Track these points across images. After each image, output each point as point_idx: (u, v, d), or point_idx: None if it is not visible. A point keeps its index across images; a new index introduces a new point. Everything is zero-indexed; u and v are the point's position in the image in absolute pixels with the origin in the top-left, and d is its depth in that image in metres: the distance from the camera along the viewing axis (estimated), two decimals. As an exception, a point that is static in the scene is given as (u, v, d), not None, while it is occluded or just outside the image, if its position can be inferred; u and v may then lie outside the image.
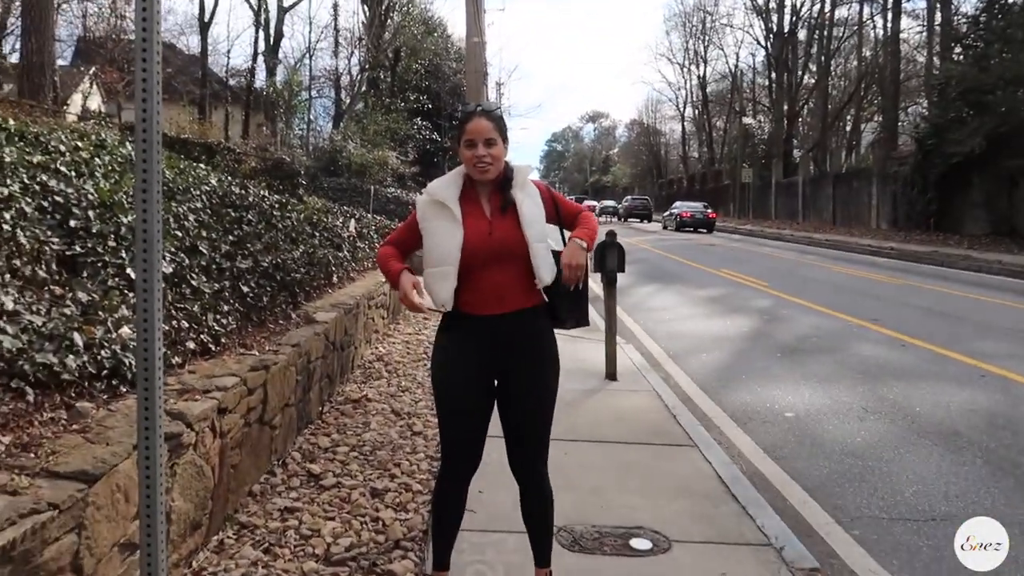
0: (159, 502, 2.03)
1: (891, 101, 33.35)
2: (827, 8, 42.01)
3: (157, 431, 2.01)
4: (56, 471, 2.22)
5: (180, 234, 4.52)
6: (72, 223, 3.70)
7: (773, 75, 47.56)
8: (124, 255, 3.76)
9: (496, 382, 2.66)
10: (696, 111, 65.39)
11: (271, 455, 4.06)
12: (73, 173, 4.38)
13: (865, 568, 3.44)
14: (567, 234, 2.73)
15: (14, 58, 19.53)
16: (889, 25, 35.26)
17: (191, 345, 3.67)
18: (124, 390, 2.96)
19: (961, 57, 25.73)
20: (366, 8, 31.62)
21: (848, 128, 46.23)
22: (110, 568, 2.34)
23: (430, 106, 32.60)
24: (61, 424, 2.56)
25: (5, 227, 3.20)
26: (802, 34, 45.63)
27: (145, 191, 1.98)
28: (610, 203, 54.20)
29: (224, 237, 5.04)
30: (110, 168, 5.04)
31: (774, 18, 46.71)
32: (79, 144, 5.32)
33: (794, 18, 45.38)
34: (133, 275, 3.52)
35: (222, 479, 3.30)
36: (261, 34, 33.01)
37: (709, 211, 35.91)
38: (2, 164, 3.79)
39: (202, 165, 8.70)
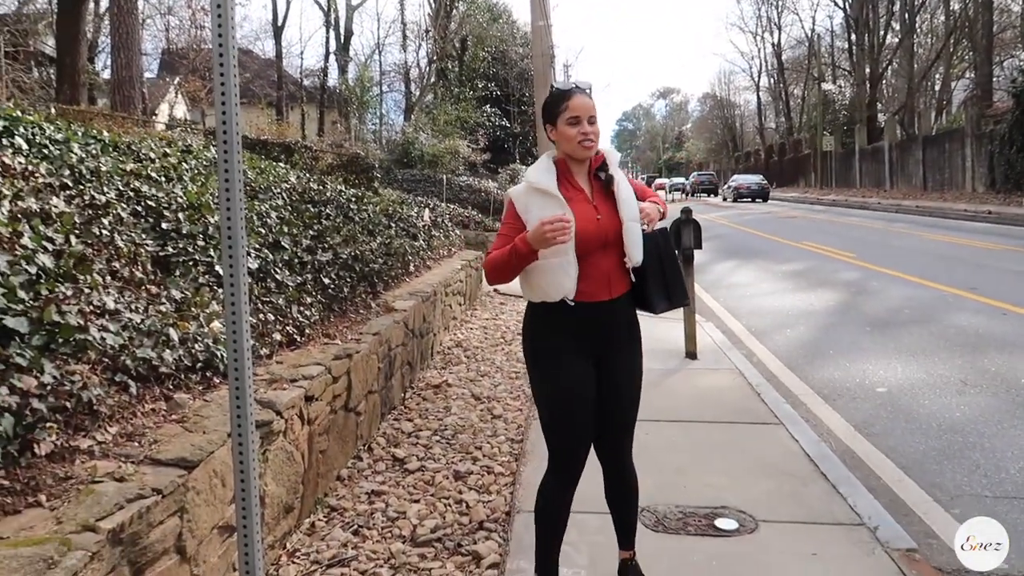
0: (253, 487, 2.13)
1: (984, 55, 31.29)
2: (910, -39, 39.74)
3: (249, 419, 2.10)
4: (158, 459, 2.36)
5: (263, 231, 4.69)
6: (164, 225, 3.90)
7: (853, 37, 45.36)
8: (213, 253, 3.93)
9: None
10: (772, 80, 63.11)
11: (357, 440, 4.19)
12: (163, 178, 4.61)
13: (967, 547, 3.28)
14: None
15: (106, 74, 20.63)
16: (980, -26, 33.04)
17: (278, 337, 3.82)
18: (217, 381, 3.11)
19: (1063, 2, 23.89)
20: (432, 0, 31.86)
21: (937, 87, 43.64)
22: (211, 549, 2.47)
23: (498, 93, 32.67)
24: (161, 414, 2.71)
25: (104, 232, 3.40)
26: (884, -9, 43.31)
27: (228, 191, 2.07)
28: (679, 180, 57.35)
29: (305, 232, 5.20)
30: (196, 172, 5.28)
31: (853, -24, 44.48)
32: (167, 151, 5.59)
33: (874, -25, 43.09)
34: (222, 272, 3.68)
35: (311, 464, 3.43)
36: (332, 34, 33.82)
37: (764, 183, 40.05)
38: (100, 173, 4.02)
39: (281, 164, 8.99)
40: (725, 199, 41.10)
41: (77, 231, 3.20)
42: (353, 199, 7.33)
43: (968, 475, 4.03)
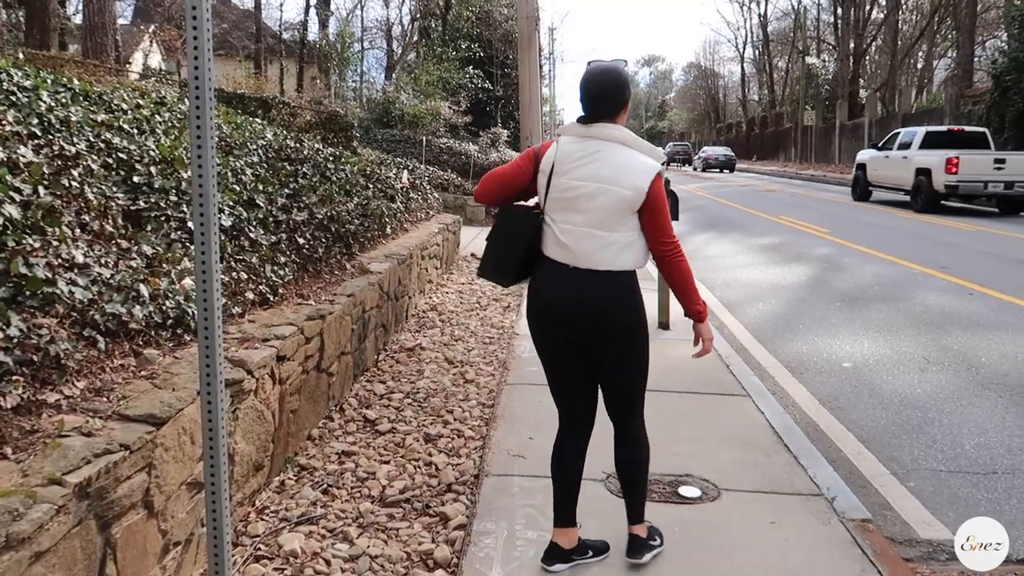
0: (222, 444, 2.14)
1: (967, 35, 31.36)
2: (900, -63, 39.51)
3: (218, 377, 2.10)
4: (127, 414, 2.35)
5: (238, 188, 4.63)
6: (136, 179, 3.82)
7: (839, 11, 45.23)
8: (186, 209, 3.88)
9: None
10: (756, 52, 62.96)
11: (329, 401, 4.21)
12: (135, 130, 4.51)
13: (919, 520, 3.40)
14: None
15: (77, 19, 20.00)
16: (967, -48, 32.95)
17: (250, 296, 3.80)
18: (188, 339, 3.10)
19: (1047, -15, 23.98)
20: (416, -45, 31.16)
21: (919, 65, 43.80)
22: (179, 505, 2.49)
23: (482, 54, 32.15)
24: (130, 370, 2.70)
25: (74, 184, 3.33)
26: (872, -35, 43.12)
27: (200, 146, 2.03)
28: (657, 151, 60.38)
29: (280, 190, 5.14)
30: (170, 125, 5.16)
31: (842, -51, 44.16)
32: (140, 102, 5.46)
33: (863, -51, 42.80)
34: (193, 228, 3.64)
35: (282, 423, 3.45)
36: (313, -15, 32.97)
37: (731, 154, 43.92)
38: (69, 123, 3.92)
39: (258, 119, 8.83)
40: (695, 168, 44.96)
41: (45, 182, 3.13)
42: (331, 158, 7.24)
43: (925, 450, 4.16)
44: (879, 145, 19.97)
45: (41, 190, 3.03)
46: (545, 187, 2.59)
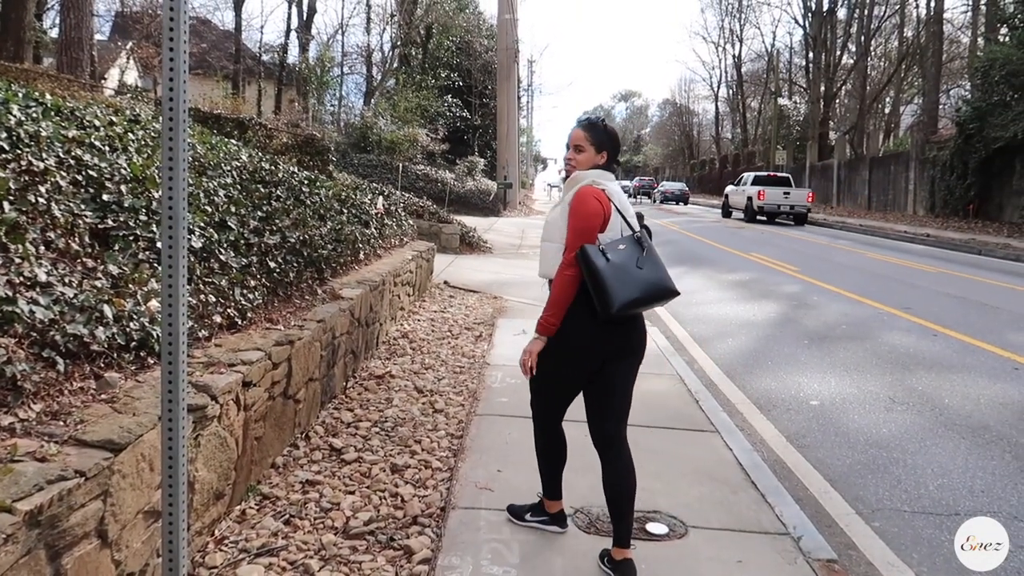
0: (181, 472, 2.08)
1: (932, 83, 32.42)
2: (869, -14, 40.83)
3: (181, 403, 2.05)
4: (84, 439, 2.28)
5: (210, 209, 4.57)
6: (105, 197, 3.76)
7: (810, 55, 46.49)
8: (155, 229, 3.82)
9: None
10: (730, 91, 64.36)
11: (294, 428, 4.13)
12: (107, 148, 4.45)
13: (884, 561, 3.41)
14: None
15: (54, 33, 19.83)
16: (932, 4, 34.17)
17: (218, 319, 3.73)
18: (152, 362, 3.02)
19: (1007, 38, 24.90)
20: (399, -16, 31.47)
21: (887, 110, 45.09)
22: (134, 534, 2.41)
23: (461, 83, 32.49)
24: (90, 394, 2.62)
25: (40, 200, 3.26)
26: (842, 13, 44.44)
27: (171, 166, 2.01)
28: (626, 183, 65.11)
29: (253, 213, 5.09)
30: (143, 143, 5.10)
31: (813, -4, 45.49)
32: (113, 119, 5.39)
33: (834, -4, 44.13)
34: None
35: (245, 451, 3.37)
36: (294, 10, 33.10)
37: (685, 189, 50.66)
38: (39, 139, 3.86)
39: (233, 140, 8.78)
40: (655, 200, 50.74)
41: (11, 197, 3.07)
42: (306, 182, 7.21)
43: (890, 490, 4.19)
44: (735, 182, 31.40)
45: (6, 206, 2.97)
46: (622, 224, 2.99)
